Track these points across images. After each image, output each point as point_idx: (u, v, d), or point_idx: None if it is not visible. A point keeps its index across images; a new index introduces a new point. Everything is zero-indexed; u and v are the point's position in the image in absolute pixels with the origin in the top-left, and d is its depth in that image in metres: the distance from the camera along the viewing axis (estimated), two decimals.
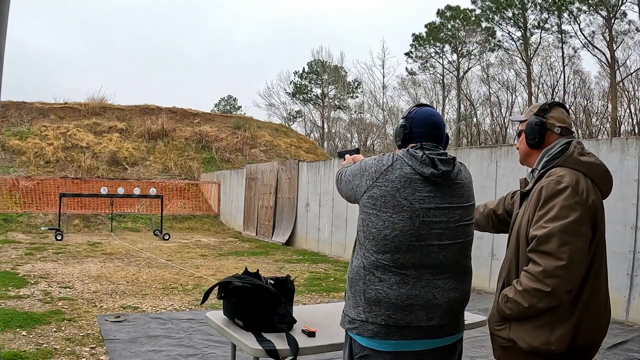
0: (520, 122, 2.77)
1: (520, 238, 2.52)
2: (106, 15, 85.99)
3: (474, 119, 46.88)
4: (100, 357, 5.46)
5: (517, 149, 2.81)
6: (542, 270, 2.34)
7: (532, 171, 2.69)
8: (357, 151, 3.12)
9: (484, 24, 44.92)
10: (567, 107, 3.38)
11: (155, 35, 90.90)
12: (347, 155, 3.07)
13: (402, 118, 2.74)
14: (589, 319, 2.42)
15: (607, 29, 36.36)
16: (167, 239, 17.12)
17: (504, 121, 44.15)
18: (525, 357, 2.46)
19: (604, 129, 38.96)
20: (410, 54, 49.65)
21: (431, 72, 49.09)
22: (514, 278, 2.51)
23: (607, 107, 38.13)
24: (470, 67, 46.70)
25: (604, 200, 2.57)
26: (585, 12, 37.88)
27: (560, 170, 2.49)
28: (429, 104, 3.21)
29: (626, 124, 37.81)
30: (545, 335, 2.39)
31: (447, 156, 2.57)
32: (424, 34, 48.32)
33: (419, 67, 49.69)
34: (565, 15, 38.90)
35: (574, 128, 2.63)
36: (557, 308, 2.38)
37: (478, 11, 44.80)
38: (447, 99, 48.21)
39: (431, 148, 2.57)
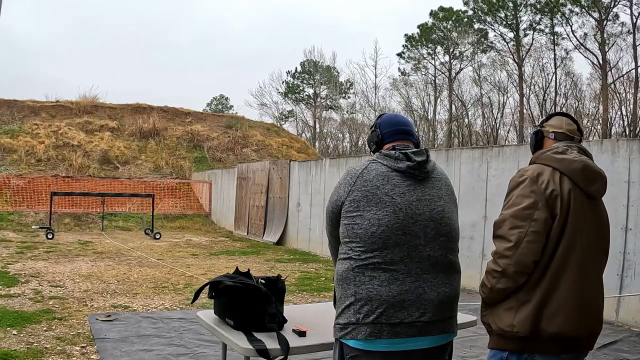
0: None
1: None
2: (96, 9, 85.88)
3: (466, 120, 46.99)
4: (91, 357, 5.45)
5: None
6: (495, 251, 2.54)
7: None
8: None
9: (476, 25, 45.04)
10: (571, 113, 3.53)
11: (147, 32, 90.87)
12: None
13: (372, 126, 2.88)
14: (553, 305, 2.48)
15: (599, 31, 36.49)
16: (158, 238, 17.08)
17: (495, 122, 44.28)
18: (499, 341, 2.60)
19: (595, 130, 39.15)
20: (403, 55, 49.75)
21: (423, 73, 49.20)
22: None
23: (599, 109, 38.29)
24: (462, 68, 46.84)
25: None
26: (577, 14, 38.04)
27: (528, 166, 2.69)
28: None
29: (617, 125, 38.09)
30: (510, 318, 2.53)
31: (419, 149, 2.69)
32: (417, 35, 48.39)
33: (411, 67, 49.82)
34: (558, 16, 39.01)
35: (578, 134, 2.78)
36: (520, 291, 2.52)
37: (470, 12, 44.94)
38: (439, 99, 48.32)
39: (403, 147, 2.68)
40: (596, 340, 2.69)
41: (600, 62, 36.71)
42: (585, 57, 38.49)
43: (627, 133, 35.66)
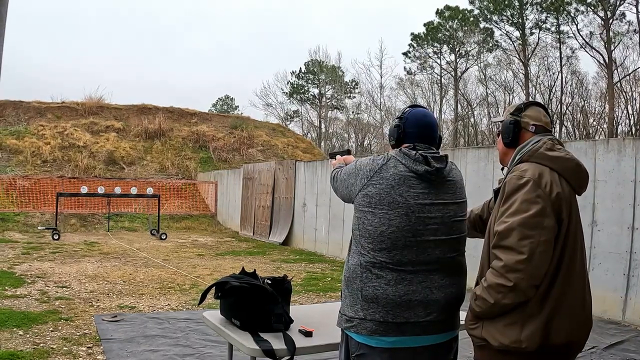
0: (500, 122, 2.79)
1: (490, 236, 2.52)
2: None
3: (471, 119, 46.95)
4: (97, 357, 5.46)
5: (498, 149, 2.82)
6: (503, 265, 2.33)
7: (503, 169, 2.73)
8: (347, 152, 3.18)
9: (482, 24, 44.97)
10: (546, 106, 3.40)
11: (152, 31, 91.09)
12: (338, 156, 3.12)
13: (396, 118, 2.78)
14: (562, 315, 2.39)
15: (605, 30, 36.38)
16: (164, 239, 17.10)
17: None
18: (498, 356, 2.43)
19: (601, 129, 39.04)
20: (408, 54, 49.66)
21: (429, 72, 49.13)
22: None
23: (605, 108, 38.19)
24: (468, 68, 46.76)
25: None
26: (583, 12, 37.92)
27: (524, 165, 2.50)
28: (423, 105, 3.25)
29: (623, 124, 37.91)
30: (515, 333, 2.36)
31: (440, 154, 2.62)
32: (423, 34, 48.33)
33: (417, 67, 49.75)
34: (564, 15, 38.91)
35: (552, 127, 2.63)
36: (527, 304, 2.36)
37: (476, 11, 44.87)
38: (445, 99, 48.28)
39: (424, 148, 2.62)
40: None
41: (606, 60, 36.59)
42: (591, 55, 38.41)
43: (634, 132, 35.56)
